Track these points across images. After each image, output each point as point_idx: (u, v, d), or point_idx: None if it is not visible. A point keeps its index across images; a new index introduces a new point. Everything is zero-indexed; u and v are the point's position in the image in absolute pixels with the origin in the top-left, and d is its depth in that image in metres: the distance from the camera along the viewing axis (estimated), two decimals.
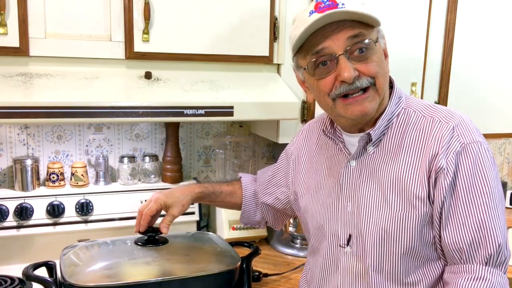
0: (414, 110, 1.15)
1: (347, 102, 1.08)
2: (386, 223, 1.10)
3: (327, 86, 1.08)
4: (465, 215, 1.04)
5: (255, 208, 1.49)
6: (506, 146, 2.72)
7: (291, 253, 1.88)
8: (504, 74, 2.09)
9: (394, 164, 1.11)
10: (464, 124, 1.09)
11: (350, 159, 1.17)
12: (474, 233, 1.03)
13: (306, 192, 1.30)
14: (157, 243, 1.39)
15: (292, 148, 1.40)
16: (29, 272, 1.28)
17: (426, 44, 1.93)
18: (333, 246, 1.20)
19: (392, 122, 1.14)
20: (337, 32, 1.04)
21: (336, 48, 1.05)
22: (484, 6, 2.00)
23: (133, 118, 1.44)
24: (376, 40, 1.08)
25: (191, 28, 1.59)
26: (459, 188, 1.05)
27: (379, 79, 1.08)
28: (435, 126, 1.09)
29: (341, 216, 1.18)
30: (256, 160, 2.15)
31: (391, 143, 1.13)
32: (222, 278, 1.35)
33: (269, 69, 1.75)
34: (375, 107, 1.09)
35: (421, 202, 1.07)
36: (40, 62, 1.48)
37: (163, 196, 1.37)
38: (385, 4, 1.84)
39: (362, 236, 1.13)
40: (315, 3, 1.06)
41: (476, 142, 1.06)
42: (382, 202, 1.11)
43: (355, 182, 1.16)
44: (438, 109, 1.14)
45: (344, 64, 1.05)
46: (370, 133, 1.12)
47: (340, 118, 1.14)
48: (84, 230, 1.75)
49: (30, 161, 1.74)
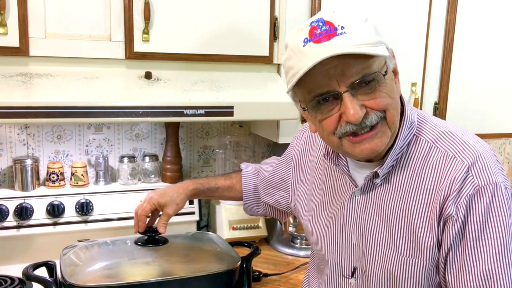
0: (426, 139, 1.02)
1: (354, 141, 0.96)
2: (392, 265, 1.04)
3: (331, 126, 0.96)
4: (472, 262, 0.95)
5: (257, 203, 1.46)
6: (506, 146, 2.72)
7: (291, 253, 1.87)
8: (504, 74, 2.09)
9: (403, 203, 1.02)
10: (481, 161, 0.96)
11: (356, 191, 1.08)
12: (480, 283, 0.93)
13: (308, 209, 1.23)
14: (157, 243, 1.39)
15: (293, 153, 1.32)
16: (29, 272, 1.28)
17: (426, 44, 1.93)
18: (336, 275, 1.15)
19: (402, 153, 1.03)
20: (340, 68, 0.90)
21: (339, 87, 0.92)
22: (484, 6, 2.00)
23: (133, 118, 1.44)
24: (385, 67, 0.94)
25: (191, 28, 1.59)
26: (468, 234, 0.95)
27: (390, 112, 0.95)
28: (448, 164, 0.98)
29: (345, 247, 1.12)
30: (256, 160, 2.14)
31: (401, 178, 1.03)
32: (222, 278, 1.35)
33: (269, 69, 1.75)
34: (385, 142, 0.98)
35: (431, 251, 0.99)
36: (40, 62, 1.47)
37: (156, 195, 1.37)
38: (385, 4, 1.84)
39: (367, 272, 1.08)
40: (309, 28, 0.92)
41: (493, 184, 0.94)
42: (389, 242, 1.04)
43: (360, 216, 1.09)
44: (454, 140, 1.00)
45: (350, 104, 0.92)
46: (377, 172, 1.02)
47: (348, 154, 1.03)
48: (84, 230, 1.74)
49: (30, 161, 1.74)
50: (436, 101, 1.99)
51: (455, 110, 2.01)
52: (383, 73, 0.94)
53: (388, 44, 0.97)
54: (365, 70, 0.91)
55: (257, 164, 1.51)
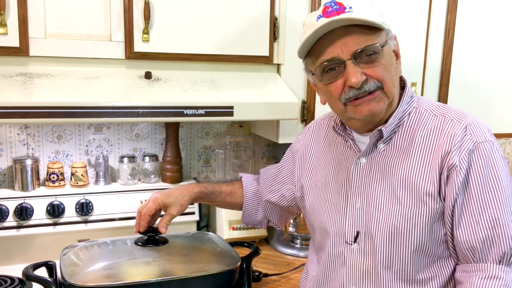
0: (425, 109, 1.16)
1: (356, 103, 1.10)
2: (395, 219, 1.10)
3: (337, 91, 1.10)
4: (478, 213, 1.05)
5: (256, 208, 1.49)
6: (506, 146, 2.72)
7: (291, 253, 1.87)
8: (504, 74, 2.09)
9: (404, 161, 1.12)
10: (476, 124, 1.10)
11: (360, 156, 1.18)
12: (488, 232, 1.04)
13: (313, 189, 1.30)
14: (157, 243, 1.39)
15: (298, 145, 1.41)
16: (29, 272, 1.28)
17: (426, 44, 1.93)
18: (339, 243, 1.20)
19: (404, 120, 1.15)
20: (345, 38, 1.06)
21: (343, 54, 1.06)
22: (484, 6, 2.00)
23: (133, 118, 1.44)
24: (385, 43, 1.09)
25: (191, 28, 1.59)
26: (472, 186, 1.05)
27: (387, 83, 1.09)
28: (447, 125, 1.10)
29: (349, 213, 1.18)
30: (256, 160, 2.15)
31: (402, 141, 1.14)
32: (222, 278, 1.35)
33: (269, 69, 1.75)
34: (383, 107, 1.11)
35: (431, 199, 1.08)
36: (40, 62, 1.48)
37: (161, 196, 1.37)
38: (385, 4, 1.84)
39: (371, 233, 1.13)
40: (323, 7, 1.08)
41: (489, 141, 1.07)
42: (392, 199, 1.12)
43: (365, 179, 1.17)
44: (450, 109, 1.15)
45: (351, 70, 1.06)
46: (381, 129, 1.13)
47: (351, 120, 1.15)
48: (84, 230, 1.75)
49: (30, 161, 1.75)
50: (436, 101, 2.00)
51: None
52: (382, 45, 1.08)
53: (391, 27, 1.11)
54: (367, 41, 1.06)
55: (255, 175, 1.56)
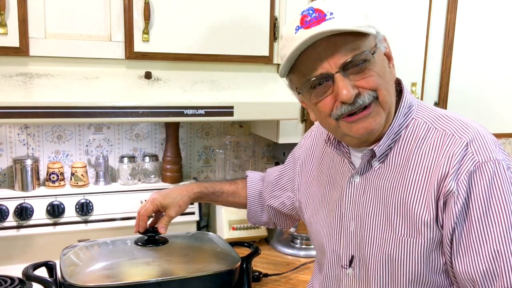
0: (424, 121, 1.03)
1: (350, 120, 0.99)
2: (391, 248, 1.02)
3: (327, 108, 0.99)
4: (479, 243, 0.94)
5: (261, 209, 1.45)
6: (506, 146, 2.72)
7: (291, 253, 1.87)
8: (504, 74, 2.09)
9: (400, 183, 1.02)
10: (480, 139, 0.96)
11: (354, 174, 1.09)
12: (489, 264, 0.92)
13: (311, 203, 1.23)
14: (157, 243, 1.39)
15: (300, 152, 1.33)
16: (29, 272, 1.29)
17: (426, 44, 1.93)
18: (334, 266, 1.14)
19: (400, 134, 1.04)
20: (330, 50, 0.94)
21: (330, 68, 0.95)
22: (484, 6, 2.00)
23: (133, 118, 1.44)
24: (375, 48, 0.98)
25: (191, 28, 1.59)
26: (472, 213, 0.94)
27: (382, 91, 0.97)
28: (446, 142, 0.98)
29: (344, 235, 1.12)
30: (256, 160, 2.15)
31: (398, 158, 1.03)
32: (222, 278, 1.35)
33: (269, 69, 1.75)
34: (381, 122, 1.00)
35: (428, 228, 0.98)
36: (40, 62, 1.47)
37: (160, 196, 1.36)
38: (385, 4, 1.84)
39: (365, 259, 1.07)
40: (301, 16, 0.96)
41: (493, 160, 0.94)
42: (386, 224, 1.03)
43: (359, 200, 1.08)
44: (451, 120, 1.01)
45: (341, 83, 0.95)
46: (374, 149, 1.03)
47: (346, 137, 1.04)
48: (84, 230, 1.75)
49: (30, 161, 1.74)
50: (436, 101, 1.99)
51: (455, 110, 1.99)
52: (372, 52, 0.96)
53: (379, 29, 1.00)
54: (354, 50, 0.94)
55: (262, 173, 1.51)
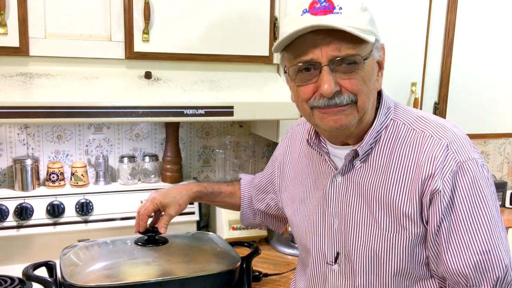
0: (403, 122, 1.08)
1: (323, 112, 1.02)
2: (375, 243, 1.06)
3: (307, 95, 1.02)
4: (467, 238, 0.99)
5: (253, 213, 1.47)
6: (506, 146, 2.72)
7: (291, 253, 1.87)
8: (504, 74, 2.09)
9: (382, 181, 1.06)
10: (458, 141, 1.03)
11: (336, 174, 1.12)
12: (480, 257, 0.99)
13: (291, 203, 1.26)
14: (157, 243, 1.39)
15: (277, 154, 1.37)
16: (29, 272, 1.28)
17: (426, 44, 1.93)
18: (320, 263, 1.16)
19: (381, 135, 1.08)
20: (326, 41, 0.96)
21: (322, 58, 0.97)
22: (484, 6, 2.00)
23: (133, 118, 1.44)
24: (368, 55, 1.00)
25: (191, 28, 1.59)
26: (458, 210, 1.00)
27: (361, 97, 1.00)
28: (426, 142, 1.03)
29: (328, 232, 1.14)
30: (256, 160, 2.15)
31: (380, 158, 1.07)
32: (222, 278, 1.35)
33: (269, 69, 1.75)
34: (352, 121, 1.02)
35: (411, 222, 1.03)
36: (40, 62, 1.47)
37: (159, 195, 1.37)
38: (385, 4, 1.84)
39: (350, 255, 1.10)
40: (311, 1, 0.98)
41: (472, 159, 1.01)
42: (371, 221, 1.06)
43: (342, 199, 1.11)
44: (428, 122, 1.07)
45: (326, 76, 0.98)
46: (357, 150, 1.06)
47: (318, 127, 1.08)
48: (84, 230, 1.75)
49: (30, 161, 1.74)
50: (436, 101, 1.99)
51: (455, 110, 2.01)
52: (364, 58, 0.99)
53: (380, 37, 1.03)
54: (349, 50, 0.97)
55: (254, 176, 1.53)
